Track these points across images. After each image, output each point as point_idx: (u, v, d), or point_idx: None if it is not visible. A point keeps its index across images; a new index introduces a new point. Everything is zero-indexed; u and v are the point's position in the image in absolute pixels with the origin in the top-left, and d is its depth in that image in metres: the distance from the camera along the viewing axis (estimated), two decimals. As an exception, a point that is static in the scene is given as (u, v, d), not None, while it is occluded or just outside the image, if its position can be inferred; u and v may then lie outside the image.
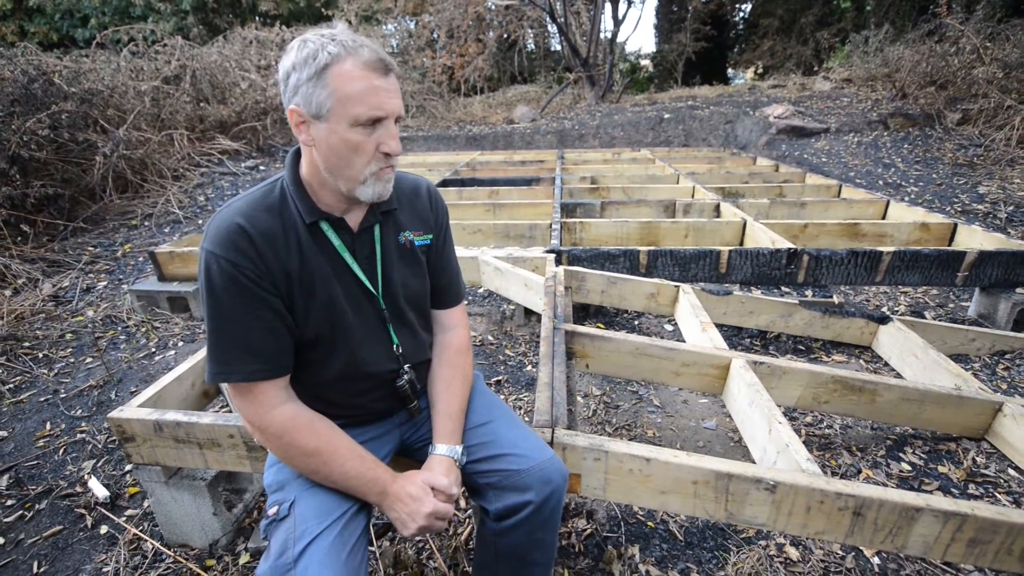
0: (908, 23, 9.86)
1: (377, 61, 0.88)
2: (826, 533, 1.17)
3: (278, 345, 0.95)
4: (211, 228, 0.91)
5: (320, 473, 0.95)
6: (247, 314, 0.91)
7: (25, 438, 2.07)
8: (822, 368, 1.74)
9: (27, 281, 3.42)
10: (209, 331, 0.92)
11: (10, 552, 1.56)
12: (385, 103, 0.88)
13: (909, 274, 2.69)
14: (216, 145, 6.20)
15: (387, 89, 0.89)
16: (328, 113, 0.87)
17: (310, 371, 1.02)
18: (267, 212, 0.94)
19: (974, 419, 1.73)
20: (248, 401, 0.94)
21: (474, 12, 11.83)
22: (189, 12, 11.87)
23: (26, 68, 4.46)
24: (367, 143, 0.89)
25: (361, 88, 0.86)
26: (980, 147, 5.05)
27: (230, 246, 0.88)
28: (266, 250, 0.91)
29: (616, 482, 1.24)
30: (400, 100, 0.92)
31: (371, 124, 0.88)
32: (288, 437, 0.94)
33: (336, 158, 0.90)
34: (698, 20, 14.65)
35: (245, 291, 0.90)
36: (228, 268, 0.88)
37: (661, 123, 8.45)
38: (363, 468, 0.96)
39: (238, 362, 0.91)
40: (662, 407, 2.15)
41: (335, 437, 0.97)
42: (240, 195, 0.97)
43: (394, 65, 0.91)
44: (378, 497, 0.97)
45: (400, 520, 0.96)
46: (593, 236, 3.28)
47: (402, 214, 1.09)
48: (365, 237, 1.03)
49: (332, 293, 0.98)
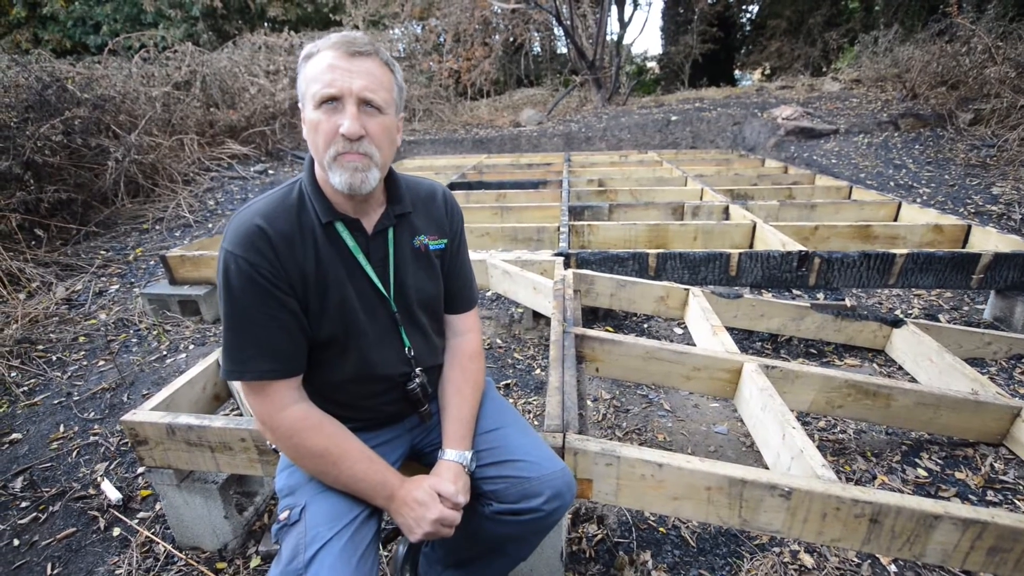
0: (918, 23, 9.78)
1: (344, 43, 0.88)
2: (842, 540, 1.15)
3: (292, 345, 0.96)
4: (230, 229, 0.93)
5: (329, 474, 0.95)
6: (263, 314, 0.92)
7: (39, 440, 2.09)
8: (835, 372, 1.72)
9: (41, 285, 3.47)
10: (225, 329, 0.93)
11: (25, 553, 1.58)
12: (338, 79, 0.87)
13: (923, 277, 2.66)
14: (226, 149, 6.26)
15: (346, 69, 0.88)
16: (303, 98, 0.92)
17: (322, 372, 1.03)
18: (285, 214, 0.95)
19: (992, 424, 1.70)
20: (261, 400, 0.95)
21: (480, 16, 11.86)
22: (199, 19, 12.02)
23: (40, 75, 4.53)
24: (324, 123, 0.89)
25: (320, 68, 0.88)
26: (993, 147, 4.99)
27: (249, 246, 0.90)
28: (284, 251, 0.92)
29: (628, 488, 1.23)
30: (368, 83, 0.89)
31: (329, 103, 0.88)
32: (298, 437, 0.94)
33: (310, 142, 0.93)
34: (705, 22, 14.60)
35: (262, 291, 0.91)
36: (246, 268, 0.89)
37: (668, 125, 8.43)
38: (371, 471, 0.96)
39: (252, 360, 0.92)
40: (673, 411, 2.14)
41: (345, 439, 0.97)
42: (259, 196, 0.99)
43: (371, 49, 0.90)
44: (385, 501, 0.97)
45: (406, 525, 0.96)
46: (601, 239, 3.26)
47: (417, 218, 1.09)
48: (379, 240, 1.04)
49: (345, 294, 0.99)
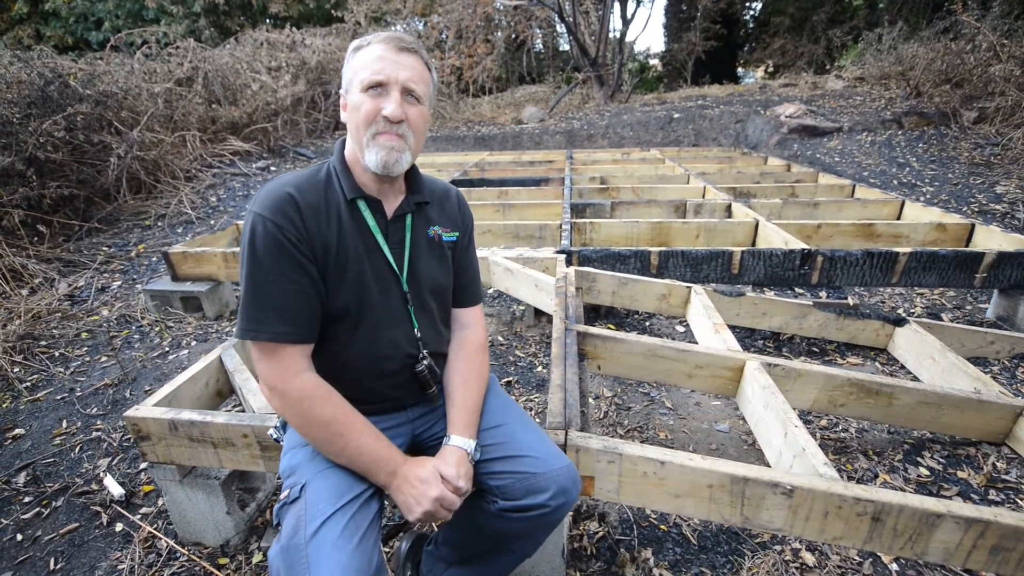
0: (922, 21, 9.74)
1: (394, 39, 0.99)
2: (844, 539, 1.15)
3: (309, 311, 0.99)
4: (261, 195, 0.98)
5: (334, 444, 0.96)
6: (284, 276, 0.95)
7: (42, 436, 2.10)
8: (837, 371, 1.72)
9: (43, 281, 3.48)
10: (244, 290, 0.96)
11: (28, 549, 1.59)
12: (386, 68, 0.97)
13: (926, 275, 2.65)
14: (227, 146, 6.26)
15: (395, 60, 0.97)
16: (350, 84, 1.01)
17: (332, 347, 1.05)
18: (314, 187, 1.02)
19: (994, 423, 1.70)
20: (273, 363, 0.96)
21: (483, 13, 11.83)
22: (201, 15, 12.02)
23: (42, 71, 4.53)
24: (368, 104, 0.98)
25: (371, 58, 0.98)
26: (997, 146, 4.96)
27: (278, 210, 0.95)
28: (311, 219, 0.98)
29: (630, 485, 1.24)
30: (412, 74, 0.99)
31: (375, 88, 0.97)
32: (308, 403, 0.96)
33: (351, 123, 1.01)
34: (708, 19, 14.53)
35: (286, 253, 0.94)
36: (273, 230, 0.94)
37: (671, 123, 8.40)
38: (376, 445, 0.97)
39: (268, 321, 0.95)
40: (674, 409, 2.14)
41: (351, 412, 0.99)
42: (289, 172, 1.05)
43: (416, 47, 1.01)
44: (387, 477, 0.97)
45: (406, 504, 0.96)
46: (603, 236, 3.26)
47: (433, 210, 1.16)
48: (398, 224, 1.09)
49: (362, 268, 1.04)
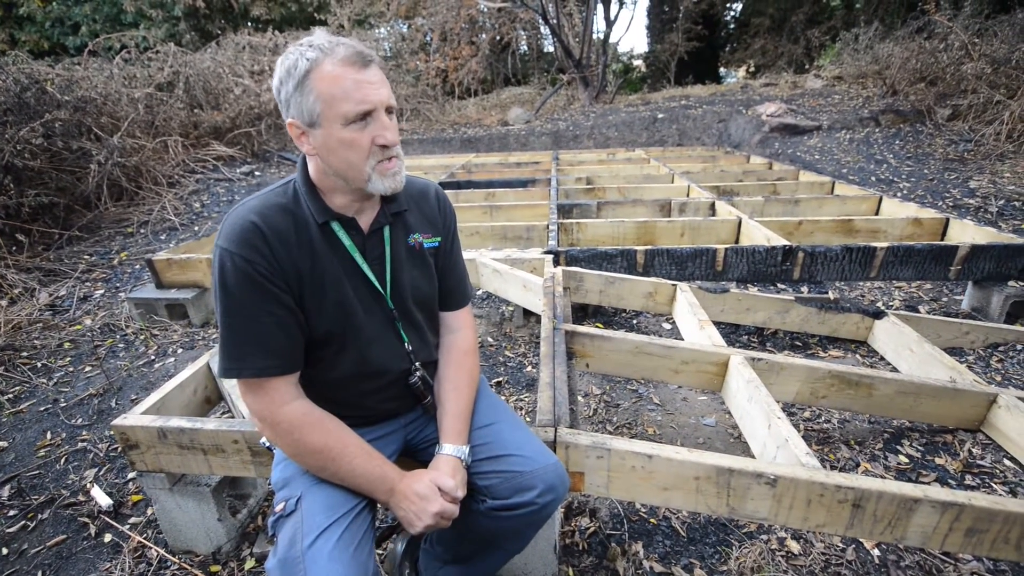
0: (897, 20, 9.96)
1: (354, 55, 0.88)
2: (827, 526, 1.18)
3: (290, 342, 0.96)
4: (225, 226, 0.93)
5: (328, 470, 0.96)
6: (259, 310, 0.92)
7: (26, 448, 2.07)
8: (819, 363, 1.76)
9: (23, 291, 3.41)
10: (222, 327, 0.93)
11: (14, 563, 1.56)
12: (370, 95, 0.89)
13: (903, 269, 2.72)
14: (211, 151, 6.18)
15: (369, 81, 0.89)
16: (319, 118, 0.89)
17: (320, 370, 1.03)
18: (281, 211, 0.95)
19: (969, 411, 1.75)
20: (259, 397, 0.95)
21: (467, 15, 11.85)
22: (181, 19, 11.87)
23: (18, 77, 4.43)
24: (361, 138, 0.90)
25: (344, 86, 0.87)
26: (970, 142, 5.11)
27: (244, 243, 0.90)
28: (279, 248, 0.93)
29: (619, 480, 1.26)
30: (387, 90, 0.92)
31: (362, 119, 0.89)
32: (298, 433, 0.95)
33: (337, 160, 0.92)
34: (690, 20, 14.73)
35: (258, 287, 0.91)
36: (242, 264, 0.89)
37: (655, 123, 8.49)
38: (371, 466, 0.97)
39: (250, 358, 0.92)
40: (662, 405, 2.17)
41: (344, 435, 0.98)
42: (254, 194, 0.98)
43: (374, 56, 0.92)
44: (386, 495, 0.98)
45: (407, 519, 0.97)
46: (590, 236, 3.29)
47: (411, 216, 1.11)
48: (375, 238, 1.05)
49: (343, 293, 1.00)
